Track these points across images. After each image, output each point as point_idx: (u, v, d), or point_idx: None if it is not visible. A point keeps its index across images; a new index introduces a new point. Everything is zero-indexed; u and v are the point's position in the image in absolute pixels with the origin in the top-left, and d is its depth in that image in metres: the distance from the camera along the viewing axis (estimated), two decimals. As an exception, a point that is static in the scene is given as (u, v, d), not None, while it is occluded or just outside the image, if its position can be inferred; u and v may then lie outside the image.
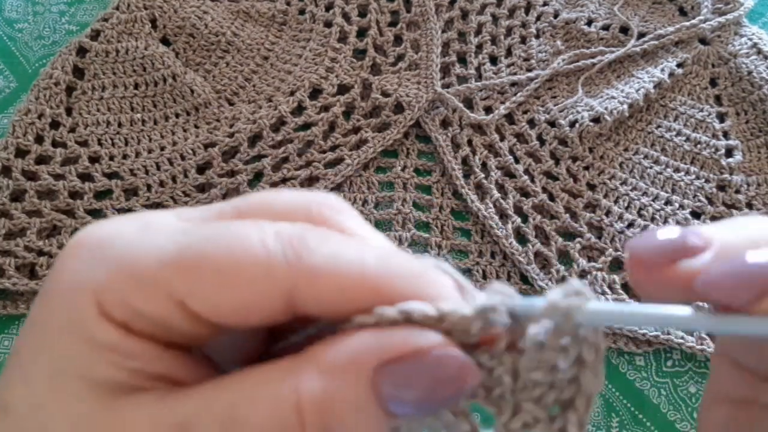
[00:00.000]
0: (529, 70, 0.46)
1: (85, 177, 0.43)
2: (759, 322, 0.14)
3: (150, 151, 0.44)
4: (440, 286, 0.15)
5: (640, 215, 0.42)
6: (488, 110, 0.45)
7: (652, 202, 0.43)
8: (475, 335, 0.15)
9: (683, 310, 0.15)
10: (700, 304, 0.16)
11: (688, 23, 0.46)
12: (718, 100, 0.46)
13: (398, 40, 0.48)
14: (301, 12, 0.49)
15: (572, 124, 0.44)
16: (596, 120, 0.44)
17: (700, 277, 0.16)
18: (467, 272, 0.41)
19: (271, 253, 0.14)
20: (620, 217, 0.42)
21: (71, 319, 0.15)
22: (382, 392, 0.14)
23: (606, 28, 0.48)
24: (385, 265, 0.15)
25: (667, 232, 0.17)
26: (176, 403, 0.14)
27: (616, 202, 0.43)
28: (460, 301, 0.15)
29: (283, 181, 0.43)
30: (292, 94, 0.45)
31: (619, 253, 0.41)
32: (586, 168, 0.43)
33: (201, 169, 0.44)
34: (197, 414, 0.14)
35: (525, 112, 0.45)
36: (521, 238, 0.42)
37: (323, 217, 0.16)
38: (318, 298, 0.15)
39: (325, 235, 0.15)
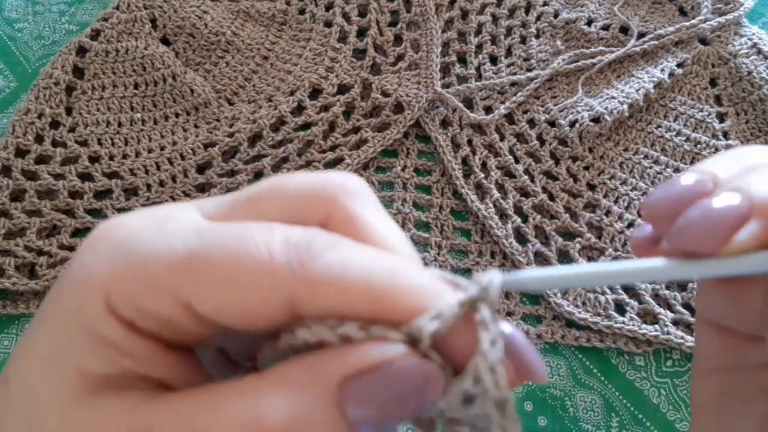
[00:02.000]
0: (529, 70, 0.46)
1: (85, 177, 0.43)
2: (726, 263, 0.16)
3: (150, 151, 0.44)
4: (442, 300, 0.15)
5: (640, 215, 0.42)
6: (488, 110, 0.45)
7: (652, 202, 0.43)
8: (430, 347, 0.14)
9: (655, 262, 0.16)
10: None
11: (688, 23, 0.46)
12: (718, 100, 0.46)
13: (398, 40, 0.48)
14: (301, 12, 0.49)
15: (572, 124, 0.44)
16: (596, 120, 0.44)
17: (670, 232, 0.17)
18: (467, 272, 0.41)
19: (275, 260, 0.14)
20: (620, 217, 0.42)
21: (76, 310, 0.15)
22: (347, 410, 0.14)
23: (606, 28, 0.48)
24: (390, 280, 0.15)
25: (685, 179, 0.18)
26: (147, 409, 0.14)
27: (616, 202, 0.43)
28: (424, 317, 0.14)
29: (283, 181, 0.43)
30: (292, 93, 0.45)
31: (619, 253, 0.41)
32: (586, 168, 0.43)
33: (201, 169, 0.44)
34: (159, 424, 0.14)
35: (525, 112, 0.45)
36: (521, 238, 0.42)
37: (337, 202, 0.16)
38: (318, 306, 0.14)
39: (334, 242, 0.15)
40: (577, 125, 0.43)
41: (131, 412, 0.14)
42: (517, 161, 0.44)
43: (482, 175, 0.43)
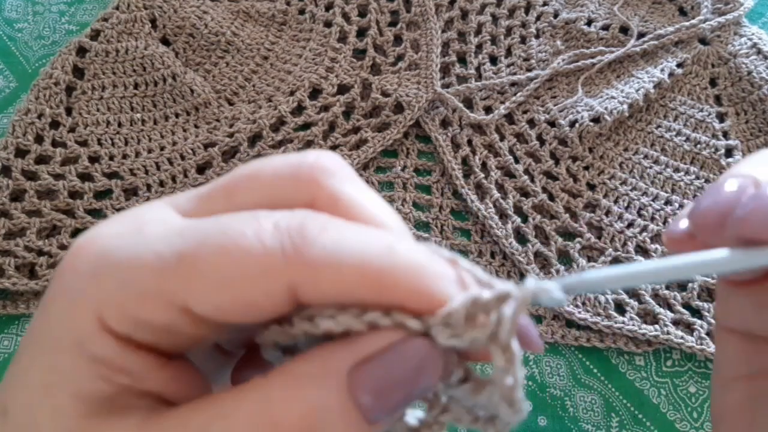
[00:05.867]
0: (529, 70, 0.46)
1: (85, 177, 0.43)
2: None
3: (150, 151, 0.44)
4: (442, 280, 0.15)
5: (640, 215, 0.42)
6: (488, 110, 0.45)
7: (651, 202, 0.43)
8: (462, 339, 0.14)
9: (719, 253, 0.16)
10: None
11: (688, 23, 0.46)
12: (718, 100, 0.46)
13: (398, 40, 0.48)
14: (301, 12, 0.49)
15: (572, 124, 0.44)
16: (596, 120, 0.44)
17: (732, 216, 0.16)
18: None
19: (268, 250, 0.14)
20: (620, 217, 0.42)
21: (69, 334, 0.15)
22: (358, 396, 0.14)
23: (606, 28, 0.48)
24: (388, 259, 0.14)
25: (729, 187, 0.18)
26: (154, 426, 0.14)
27: (615, 202, 0.43)
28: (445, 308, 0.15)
29: (283, 181, 0.43)
30: (292, 94, 0.45)
31: (619, 252, 0.41)
32: (586, 168, 0.43)
33: (201, 169, 0.44)
34: None
35: (525, 112, 0.45)
36: (521, 238, 0.42)
37: (318, 184, 0.16)
38: (319, 291, 0.14)
39: (326, 223, 0.15)
40: (577, 125, 0.43)
41: (138, 431, 0.14)
42: (517, 161, 0.44)
43: (482, 175, 0.43)
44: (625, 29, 0.47)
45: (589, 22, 0.48)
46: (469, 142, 0.44)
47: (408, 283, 0.14)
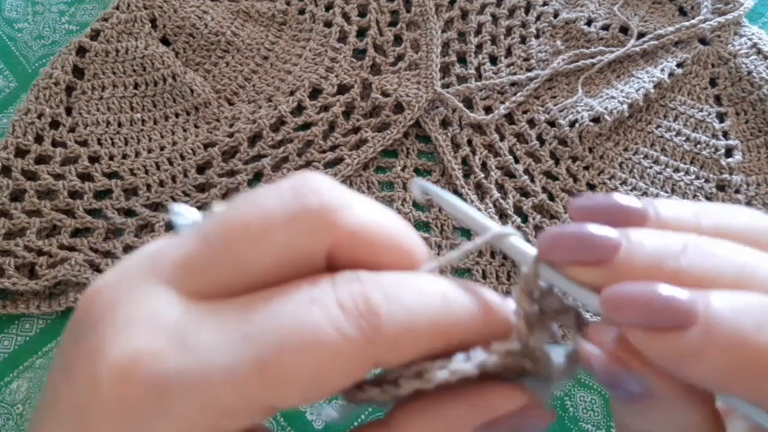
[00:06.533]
0: (529, 70, 0.46)
1: (84, 177, 0.43)
2: (564, 282, 0.17)
3: (150, 151, 0.44)
4: (499, 321, 0.17)
5: (640, 215, 0.42)
6: (488, 110, 0.45)
7: (652, 202, 0.43)
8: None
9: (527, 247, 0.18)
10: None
11: (687, 23, 0.46)
12: (717, 100, 0.46)
13: (398, 40, 0.48)
14: (301, 12, 0.49)
15: (572, 124, 0.44)
16: (596, 120, 0.44)
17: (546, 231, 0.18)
18: (467, 272, 0.41)
19: (349, 339, 0.14)
20: (620, 217, 0.42)
21: None
22: None
23: (606, 28, 0.48)
24: (446, 312, 0.16)
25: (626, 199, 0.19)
26: None
27: (616, 202, 0.43)
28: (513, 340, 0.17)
29: (283, 181, 0.43)
30: (291, 93, 0.45)
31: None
32: (586, 168, 0.43)
33: (201, 169, 0.44)
34: None
35: (525, 112, 0.45)
36: (521, 238, 0.42)
37: (331, 228, 0.15)
38: (399, 359, 0.15)
39: (384, 288, 0.15)
40: (577, 125, 0.43)
41: None
42: (517, 161, 0.44)
43: (482, 175, 0.43)
44: (625, 29, 0.47)
45: (589, 22, 0.48)
46: (469, 142, 0.44)
47: (467, 326, 0.16)
